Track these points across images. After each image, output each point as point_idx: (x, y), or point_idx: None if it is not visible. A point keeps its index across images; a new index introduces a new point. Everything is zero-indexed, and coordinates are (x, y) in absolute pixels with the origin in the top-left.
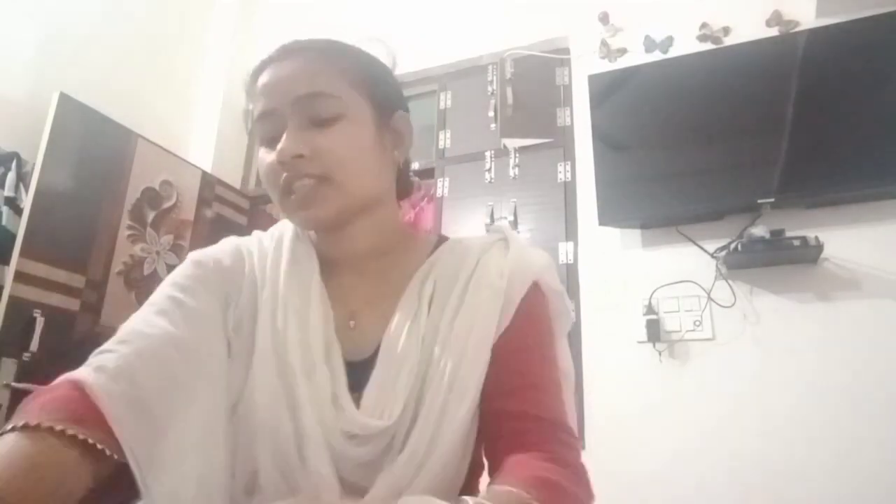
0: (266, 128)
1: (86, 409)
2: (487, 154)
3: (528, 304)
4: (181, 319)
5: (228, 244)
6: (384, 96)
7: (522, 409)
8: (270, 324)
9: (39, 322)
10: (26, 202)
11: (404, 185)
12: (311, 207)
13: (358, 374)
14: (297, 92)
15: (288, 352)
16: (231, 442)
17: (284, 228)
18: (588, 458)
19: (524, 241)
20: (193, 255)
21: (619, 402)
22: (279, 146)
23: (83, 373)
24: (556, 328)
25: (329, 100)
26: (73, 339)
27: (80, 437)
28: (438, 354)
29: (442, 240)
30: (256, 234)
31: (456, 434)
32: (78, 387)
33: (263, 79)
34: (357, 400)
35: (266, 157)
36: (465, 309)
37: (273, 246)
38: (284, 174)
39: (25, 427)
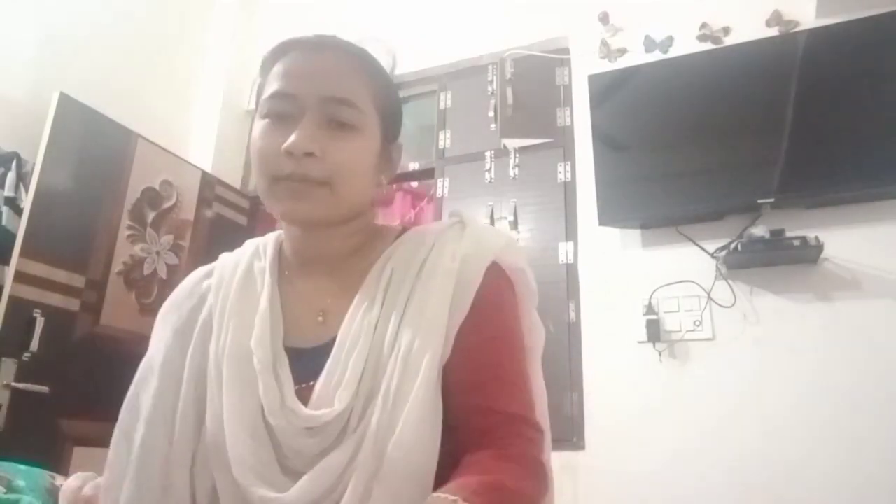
0: (278, 107)
1: None
2: (487, 154)
3: (489, 291)
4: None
5: (188, 283)
6: (393, 121)
7: (486, 403)
8: (216, 338)
9: (39, 322)
10: (26, 202)
11: (382, 200)
12: (301, 203)
13: (315, 362)
14: (326, 91)
15: (225, 360)
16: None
17: (267, 241)
18: (588, 458)
19: (482, 224)
20: (160, 312)
21: (619, 402)
22: (292, 138)
23: None
24: (522, 309)
25: (353, 110)
26: (73, 339)
27: None
28: (392, 339)
29: (405, 230)
30: (228, 257)
31: (412, 415)
32: None
33: (291, 62)
34: (310, 392)
35: (267, 136)
36: (418, 293)
37: (231, 266)
38: (288, 165)
39: None
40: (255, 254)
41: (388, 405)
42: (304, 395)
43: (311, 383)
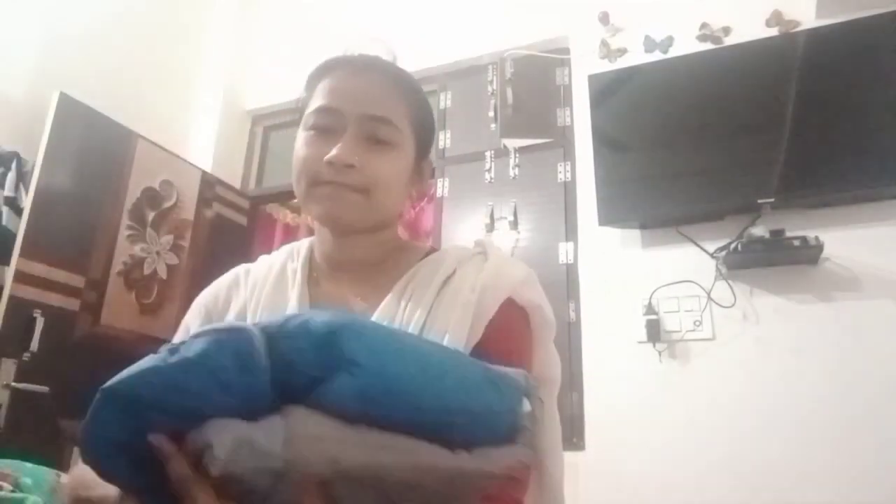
0: (323, 121)
1: None
2: (487, 154)
3: (499, 321)
4: None
5: (226, 276)
6: (427, 142)
7: None
8: None
9: (39, 322)
10: (26, 202)
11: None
12: (338, 206)
13: None
14: (369, 110)
15: None
16: None
17: (300, 245)
18: (588, 458)
19: (504, 256)
20: (196, 301)
21: (619, 402)
22: (335, 151)
23: None
24: (535, 342)
25: (391, 128)
26: (73, 339)
27: None
28: None
29: (432, 250)
30: (265, 259)
31: None
32: None
33: (336, 80)
34: None
35: (310, 146)
36: (435, 315)
37: (266, 267)
38: (329, 174)
39: None
40: (290, 255)
41: None
42: None
43: None
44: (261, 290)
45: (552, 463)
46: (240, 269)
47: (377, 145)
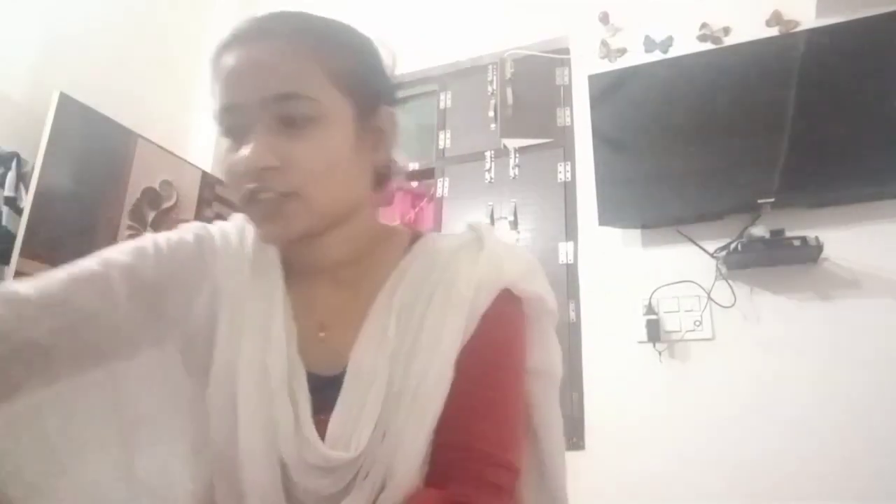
0: (230, 122)
1: None
2: (487, 154)
3: (492, 314)
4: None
5: (191, 233)
6: (368, 91)
7: (448, 437)
8: (227, 343)
9: None
10: (26, 202)
11: (382, 181)
12: (275, 223)
13: (326, 392)
14: (266, 90)
15: (241, 377)
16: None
17: (249, 224)
18: (588, 458)
19: (502, 245)
20: (147, 238)
21: (619, 401)
22: (245, 153)
23: None
24: (532, 331)
25: (303, 101)
26: None
27: None
28: (404, 373)
29: (415, 238)
30: (219, 227)
31: (410, 461)
32: None
33: (228, 62)
34: (324, 424)
35: (230, 154)
36: (430, 323)
37: (236, 246)
38: (251, 184)
39: None
40: (260, 243)
41: (400, 450)
42: (317, 428)
43: (323, 417)
44: (237, 277)
45: (553, 461)
46: (201, 230)
47: (295, 129)
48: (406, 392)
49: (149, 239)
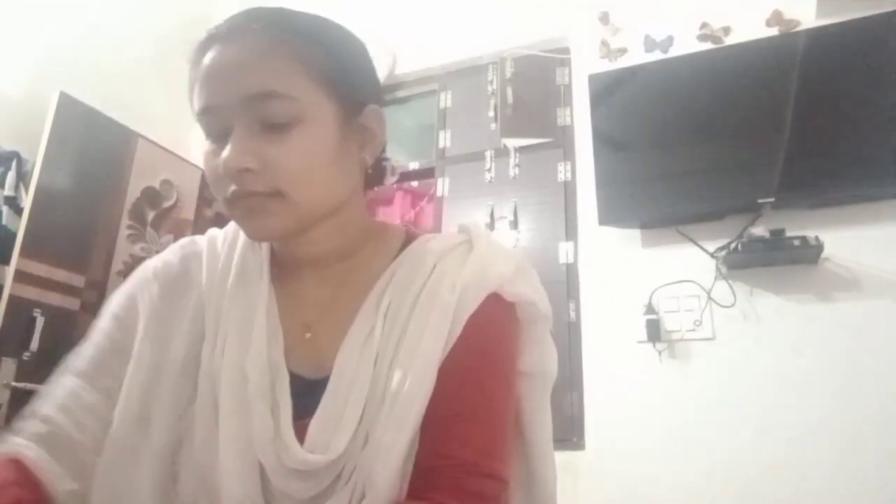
0: (210, 123)
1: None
2: (487, 154)
3: (479, 318)
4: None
5: (174, 254)
6: (352, 90)
7: (432, 445)
8: (210, 350)
9: (39, 322)
10: (26, 202)
11: (375, 178)
12: (259, 220)
13: (311, 395)
14: (245, 90)
15: (223, 384)
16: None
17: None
18: (588, 458)
19: (492, 247)
20: (142, 270)
21: (619, 402)
22: (224, 155)
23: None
24: (525, 336)
25: (284, 101)
26: (73, 339)
27: None
28: (386, 378)
29: (409, 239)
30: (209, 234)
31: (390, 467)
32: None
33: (205, 62)
34: (306, 428)
35: (209, 158)
36: (413, 326)
37: (225, 252)
38: (231, 185)
39: None
40: (250, 243)
41: (379, 456)
42: (298, 433)
43: (306, 420)
44: (222, 284)
45: (541, 463)
46: (187, 246)
47: (274, 131)
48: (387, 397)
49: (115, 305)
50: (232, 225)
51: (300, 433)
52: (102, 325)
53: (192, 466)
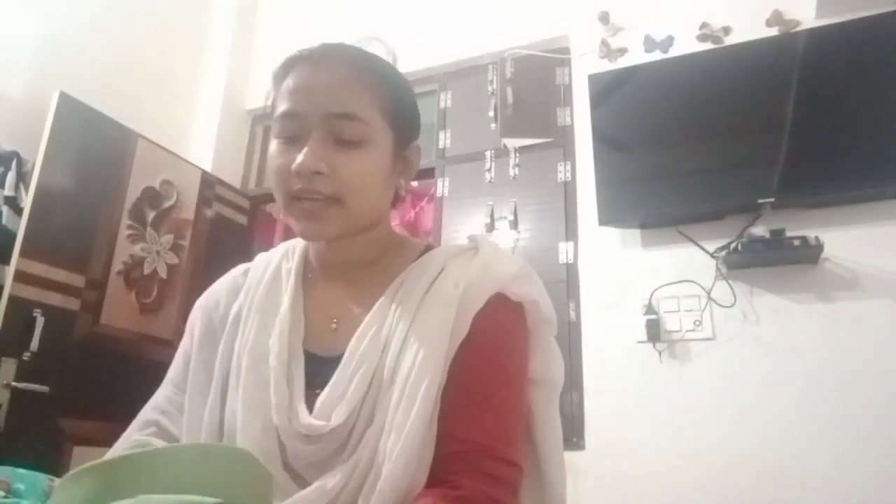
0: (287, 127)
1: None
2: (487, 154)
3: (486, 317)
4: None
5: (226, 278)
6: (406, 126)
7: (451, 429)
8: (240, 338)
9: (39, 322)
10: (26, 202)
11: (396, 200)
12: (316, 223)
13: (325, 372)
14: (328, 108)
15: (245, 358)
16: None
17: (296, 244)
18: (588, 458)
19: (497, 251)
20: (197, 304)
21: (619, 402)
22: (300, 158)
23: None
24: (531, 340)
25: (358, 124)
26: (73, 339)
27: None
28: (394, 362)
29: (428, 248)
30: (262, 257)
31: (406, 449)
32: None
33: (296, 79)
34: (316, 399)
35: (280, 155)
36: (420, 318)
37: (261, 265)
38: (298, 184)
39: None
40: (285, 255)
41: (385, 434)
42: (311, 402)
43: (319, 392)
44: (254, 293)
45: (551, 467)
46: (238, 271)
47: (345, 146)
48: (397, 381)
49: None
50: (277, 247)
51: (311, 403)
52: (184, 339)
53: (225, 435)
